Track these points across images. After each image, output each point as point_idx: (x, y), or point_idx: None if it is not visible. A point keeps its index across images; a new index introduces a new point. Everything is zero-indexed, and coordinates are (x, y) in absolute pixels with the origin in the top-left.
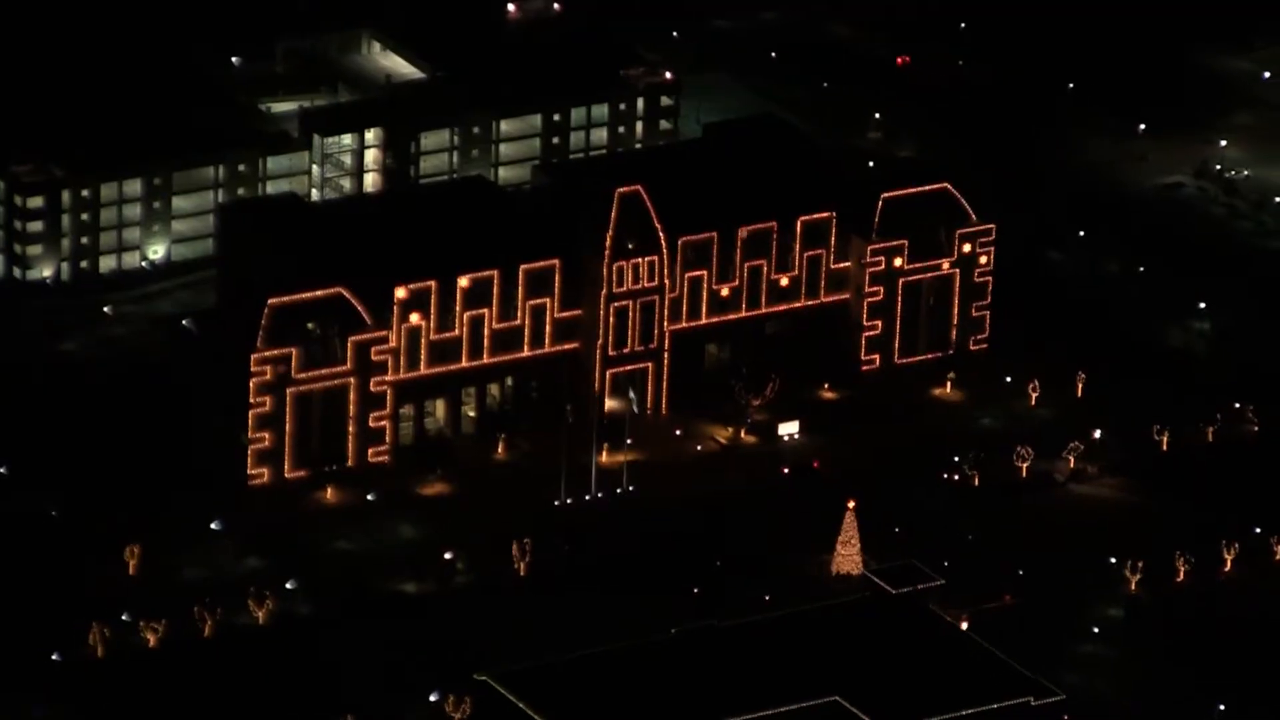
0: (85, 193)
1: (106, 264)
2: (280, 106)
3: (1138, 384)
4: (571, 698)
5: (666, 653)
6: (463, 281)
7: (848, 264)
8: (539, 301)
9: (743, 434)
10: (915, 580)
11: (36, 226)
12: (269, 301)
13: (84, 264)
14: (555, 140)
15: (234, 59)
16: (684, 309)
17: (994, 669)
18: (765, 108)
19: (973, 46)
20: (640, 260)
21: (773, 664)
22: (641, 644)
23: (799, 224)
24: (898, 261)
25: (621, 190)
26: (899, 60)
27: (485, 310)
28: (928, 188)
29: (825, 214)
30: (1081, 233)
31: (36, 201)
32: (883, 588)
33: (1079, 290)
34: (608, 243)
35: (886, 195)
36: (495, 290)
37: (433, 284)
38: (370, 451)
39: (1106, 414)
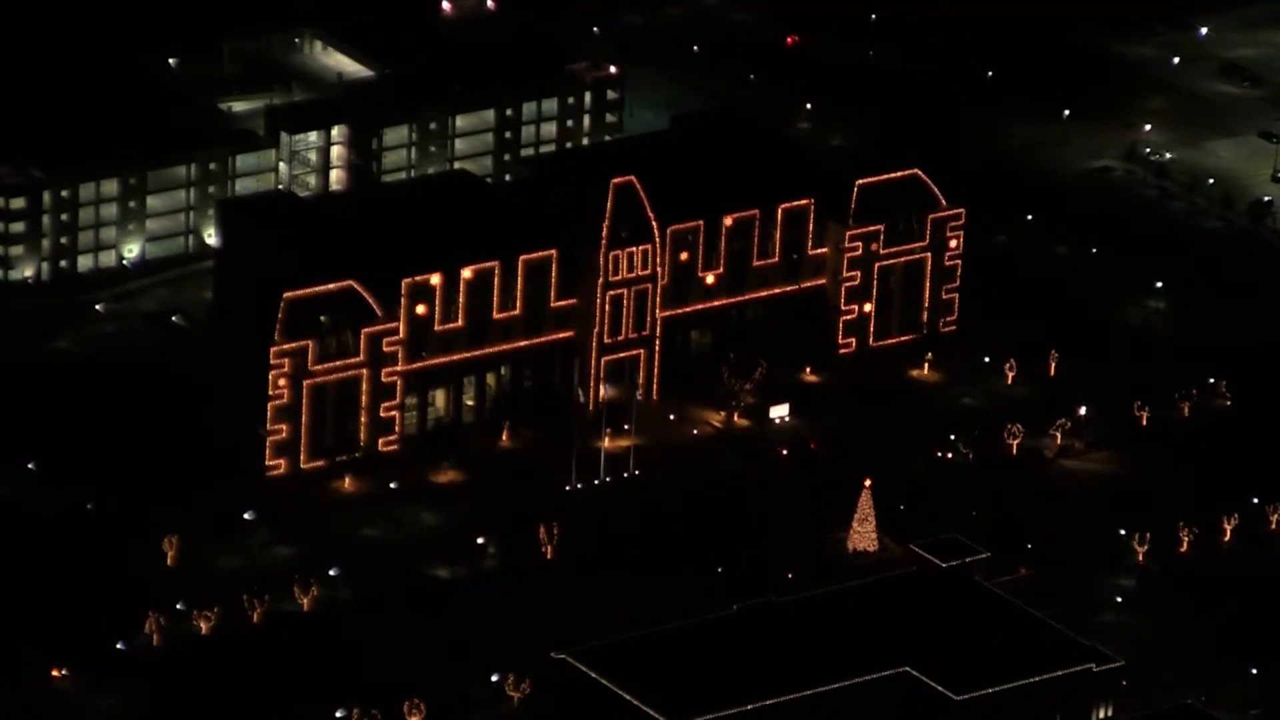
0: (65, 193)
1: (84, 263)
2: (239, 106)
3: (1106, 362)
4: (648, 673)
5: (731, 628)
6: (465, 273)
7: (825, 250)
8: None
9: (735, 418)
10: (961, 554)
11: (18, 227)
12: (285, 295)
13: (63, 263)
14: (507, 135)
15: (171, 60)
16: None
17: (1052, 638)
18: (692, 99)
19: (884, 36)
20: (634, 249)
21: (836, 637)
22: (706, 620)
23: (779, 212)
24: (874, 246)
25: (616, 180)
26: (789, 40)
27: (487, 301)
28: (899, 174)
29: (804, 201)
30: (1030, 216)
31: (19, 202)
32: (932, 561)
33: (1032, 272)
34: (604, 232)
35: (861, 182)
36: (496, 281)
37: (438, 276)
38: (381, 441)
39: (1082, 391)
